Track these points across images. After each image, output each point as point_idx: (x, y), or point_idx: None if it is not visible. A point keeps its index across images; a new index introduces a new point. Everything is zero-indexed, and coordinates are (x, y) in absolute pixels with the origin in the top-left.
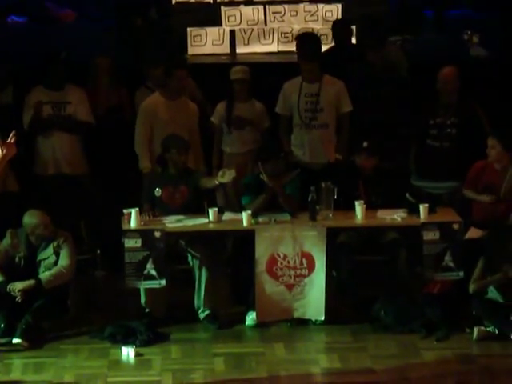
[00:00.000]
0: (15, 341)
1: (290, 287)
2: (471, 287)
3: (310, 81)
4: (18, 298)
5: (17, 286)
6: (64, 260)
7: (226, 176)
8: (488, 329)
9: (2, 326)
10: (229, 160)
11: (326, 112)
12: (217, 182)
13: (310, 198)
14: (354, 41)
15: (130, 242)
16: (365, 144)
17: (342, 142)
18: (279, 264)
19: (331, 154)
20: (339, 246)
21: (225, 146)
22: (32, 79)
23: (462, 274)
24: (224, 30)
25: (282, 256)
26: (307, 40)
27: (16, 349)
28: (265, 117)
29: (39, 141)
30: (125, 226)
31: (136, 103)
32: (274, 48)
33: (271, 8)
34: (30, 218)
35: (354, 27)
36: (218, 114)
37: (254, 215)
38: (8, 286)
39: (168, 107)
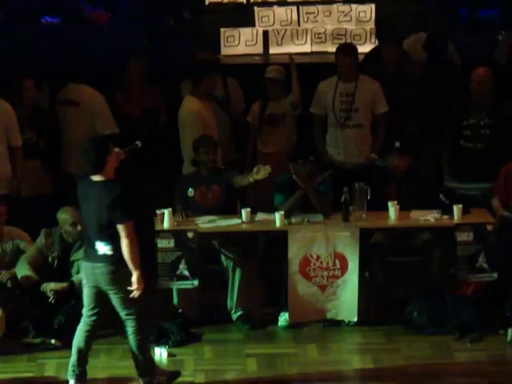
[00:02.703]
0: (49, 341)
1: (322, 288)
2: None
3: (346, 80)
4: (51, 299)
5: (50, 286)
6: None
7: (261, 172)
8: None
9: (36, 326)
10: (263, 159)
11: (361, 112)
12: (251, 179)
13: (343, 199)
14: None
15: (163, 243)
16: (397, 144)
17: (377, 143)
18: (312, 265)
19: (366, 154)
20: (372, 246)
21: (259, 145)
22: (65, 79)
23: (495, 275)
24: (257, 30)
25: (314, 257)
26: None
27: (50, 348)
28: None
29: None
30: (158, 227)
31: (182, 95)
32: (307, 48)
33: (304, 9)
34: (61, 214)
35: None
36: (252, 113)
37: (287, 215)
38: (42, 286)
39: (208, 109)
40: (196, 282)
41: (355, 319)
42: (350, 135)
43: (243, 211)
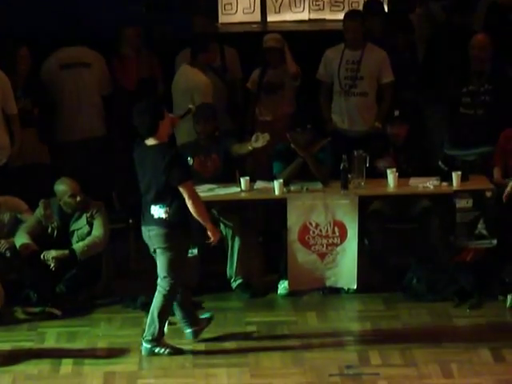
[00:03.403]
0: (49, 310)
1: (322, 256)
2: None
3: (353, 48)
4: (52, 266)
5: (51, 254)
6: (97, 230)
7: (259, 140)
8: None
9: (36, 295)
10: (260, 127)
11: (366, 80)
12: (250, 148)
13: (341, 167)
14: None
15: None
16: (396, 113)
17: (381, 112)
18: (311, 233)
19: (370, 122)
20: (371, 214)
21: (257, 113)
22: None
23: (494, 241)
24: None
25: (314, 225)
26: None
27: (50, 318)
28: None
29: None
30: None
31: (176, 65)
32: (305, 16)
33: None
34: (58, 185)
35: None
36: (252, 80)
37: (286, 184)
38: (42, 254)
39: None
40: (195, 251)
41: (355, 286)
42: (354, 103)
43: (242, 180)
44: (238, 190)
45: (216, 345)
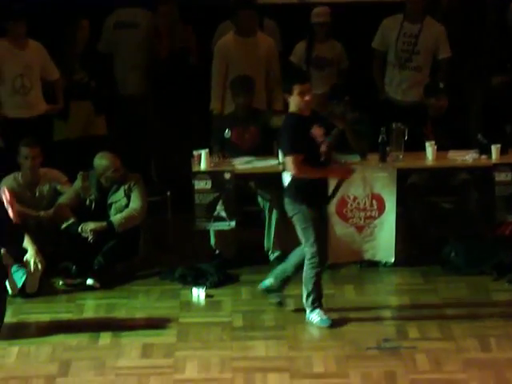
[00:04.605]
0: (88, 282)
1: (359, 229)
2: None
3: (412, 20)
4: (90, 238)
5: (89, 226)
6: (135, 202)
7: None
8: None
9: (75, 267)
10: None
11: (422, 55)
12: None
13: (380, 140)
14: None
15: (200, 184)
16: (441, 85)
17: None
18: (349, 206)
19: (419, 95)
20: (409, 187)
21: None
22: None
23: None
24: None
25: (351, 198)
26: None
27: (88, 290)
28: (343, 57)
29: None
30: (195, 168)
31: (215, 38)
32: None
33: None
34: (100, 160)
35: None
36: (297, 53)
37: None
38: (80, 226)
39: (241, 45)
40: (233, 224)
41: (392, 260)
42: (407, 77)
43: (280, 152)
44: (276, 162)
45: (254, 317)
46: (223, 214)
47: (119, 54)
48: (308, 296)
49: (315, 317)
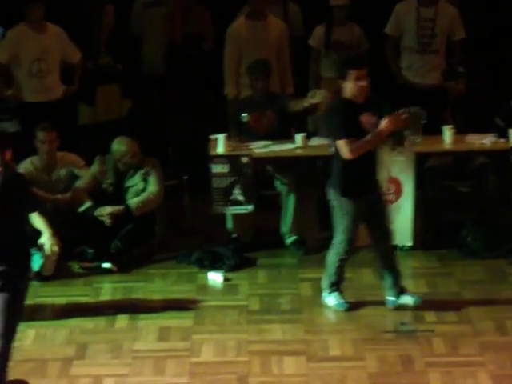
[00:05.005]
0: (105, 265)
1: None
2: None
3: (427, 4)
4: (107, 222)
5: (106, 210)
6: (152, 186)
7: (316, 96)
8: None
9: (92, 250)
10: (326, 84)
11: (439, 38)
12: (306, 104)
13: None
14: None
15: (218, 168)
16: (461, 69)
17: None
18: None
19: (439, 78)
20: (427, 171)
21: (322, 70)
22: None
23: None
24: None
25: None
26: None
27: (105, 273)
28: (363, 40)
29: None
30: (212, 152)
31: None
32: None
33: None
34: (118, 145)
35: None
36: (316, 37)
37: None
38: (98, 210)
39: (253, 29)
40: (250, 207)
41: (410, 243)
42: (428, 60)
43: (297, 136)
44: (294, 146)
45: (270, 301)
46: (241, 197)
47: (149, 33)
48: (327, 278)
49: (332, 300)
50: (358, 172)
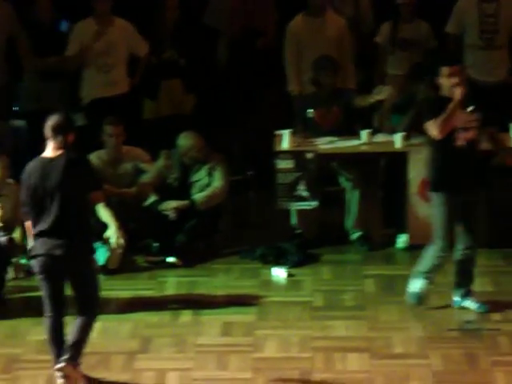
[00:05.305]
0: (169, 259)
1: None
2: None
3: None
4: (172, 216)
5: (171, 204)
6: (217, 181)
7: (382, 93)
8: None
9: (157, 244)
10: (391, 81)
11: (501, 33)
12: (372, 100)
13: None
14: None
15: (282, 164)
16: None
17: None
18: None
19: (502, 74)
20: (494, 169)
21: (388, 67)
22: None
23: None
24: None
25: None
26: None
27: (170, 267)
28: (430, 37)
29: None
30: (277, 148)
31: None
32: None
33: None
34: (184, 140)
35: None
36: (382, 34)
37: (407, 136)
38: (162, 204)
39: (311, 25)
40: (315, 203)
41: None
42: (492, 57)
43: (362, 132)
44: (359, 142)
45: (334, 297)
46: (305, 193)
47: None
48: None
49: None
50: (449, 169)
